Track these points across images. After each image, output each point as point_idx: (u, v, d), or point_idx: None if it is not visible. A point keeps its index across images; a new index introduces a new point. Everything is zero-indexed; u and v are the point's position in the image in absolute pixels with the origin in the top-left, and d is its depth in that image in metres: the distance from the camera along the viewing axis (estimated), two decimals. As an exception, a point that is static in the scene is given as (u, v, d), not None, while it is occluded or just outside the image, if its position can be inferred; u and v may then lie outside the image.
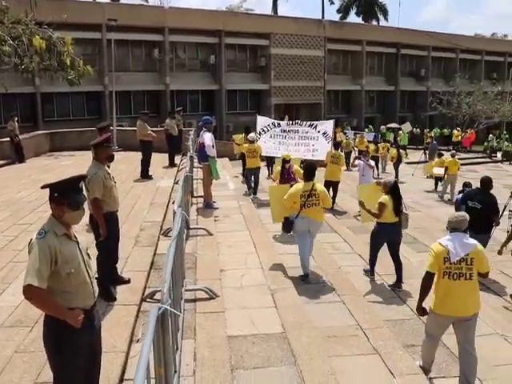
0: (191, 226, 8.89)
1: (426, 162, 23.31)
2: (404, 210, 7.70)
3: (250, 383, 4.63)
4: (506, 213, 10.63)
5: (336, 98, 41.41)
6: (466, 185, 11.03)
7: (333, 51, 39.26)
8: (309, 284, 7.19)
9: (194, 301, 6.11)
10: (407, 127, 30.23)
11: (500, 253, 7.96)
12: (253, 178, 13.29)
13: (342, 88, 40.62)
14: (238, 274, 7.11)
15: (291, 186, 8.15)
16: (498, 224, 8.64)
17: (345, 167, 14.70)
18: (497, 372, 5.44)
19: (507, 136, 36.29)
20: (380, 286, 7.60)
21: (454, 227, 5.09)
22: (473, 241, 5.06)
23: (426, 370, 5.14)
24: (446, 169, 17.07)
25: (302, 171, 8.65)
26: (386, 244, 7.67)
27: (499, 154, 34.37)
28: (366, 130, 33.13)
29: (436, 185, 18.55)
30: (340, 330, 5.86)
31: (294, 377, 4.74)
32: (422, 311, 5.18)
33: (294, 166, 10.25)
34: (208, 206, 10.73)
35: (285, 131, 13.50)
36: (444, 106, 39.30)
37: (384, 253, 7.88)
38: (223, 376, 4.63)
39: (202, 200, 11.18)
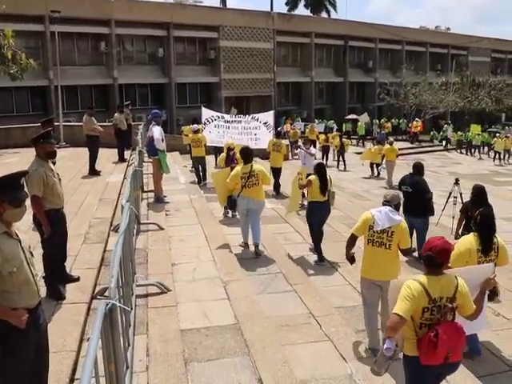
0: (142, 221, 8.79)
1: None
2: (331, 189, 8.25)
3: (203, 375, 4.63)
4: (451, 199, 11.02)
5: (286, 89, 41.67)
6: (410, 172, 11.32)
7: (282, 43, 39.43)
8: (261, 275, 7.23)
9: (146, 296, 6.05)
10: (364, 118, 30.95)
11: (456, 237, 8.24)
12: (200, 168, 13.93)
13: (291, 80, 40.88)
14: (190, 268, 7.09)
15: (231, 169, 8.71)
16: (431, 210, 8.83)
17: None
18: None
19: (452, 125, 37.50)
20: (331, 274, 7.73)
21: (386, 200, 5.52)
22: (399, 217, 5.45)
23: (374, 350, 5.26)
24: (384, 156, 18.15)
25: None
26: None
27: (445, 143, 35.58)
28: (317, 121, 33.69)
29: (372, 170, 19.69)
30: (292, 318, 5.93)
31: (247, 367, 4.77)
32: (350, 260, 5.71)
33: (237, 153, 10.48)
34: (159, 200, 10.62)
35: (228, 122, 14.20)
36: (391, 96, 40.19)
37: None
38: (177, 370, 4.62)
39: (152, 195, 11.06)
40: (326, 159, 22.27)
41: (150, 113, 11.19)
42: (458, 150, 32.55)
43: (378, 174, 19.56)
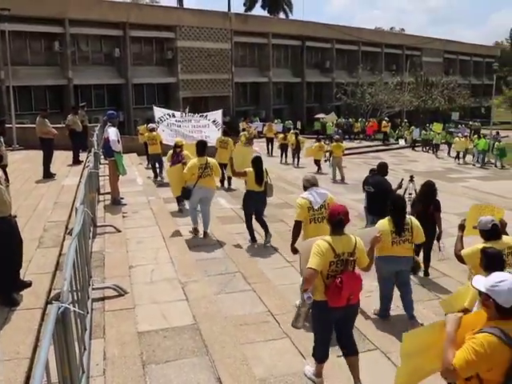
0: (98, 224, 8.66)
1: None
2: (269, 182, 9.02)
3: (162, 377, 4.61)
4: (407, 196, 11.27)
5: (244, 90, 41.79)
6: (372, 170, 11.53)
7: (239, 44, 39.55)
8: (219, 275, 7.23)
9: (103, 299, 5.97)
10: (331, 118, 31.42)
11: None
12: (157, 165, 14.72)
13: (249, 80, 41.04)
14: (147, 270, 7.02)
15: (183, 165, 9.52)
16: None
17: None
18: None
19: (408, 124, 38.32)
20: (289, 273, 7.79)
21: (311, 183, 6.36)
22: (325, 190, 6.47)
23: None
24: (331, 152, 18.95)
25: (191, 156, 9.98)
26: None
27: (402, 141, 36.30)
28: (276, 121, 34.02)
29: (318, 166, 20.58)
30: (251, 317, 5.96)
31: (206, 367, 4.78)
32: (293, 251, 6.03)
33: (184, 152, 11.06)
34: (116, 202, 10.48)
35: (179, 121, 14.69)
36: (348, 96, 40.86)
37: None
38: (134, 372, 4.58)
39: (109, 197, 10.89)
40: (285, 156, 23.14)
41: (106, 114, 11.02)
42: (425, 148, 33.01)
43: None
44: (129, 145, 18.66)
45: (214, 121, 14.71)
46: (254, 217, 9.01)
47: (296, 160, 22.34)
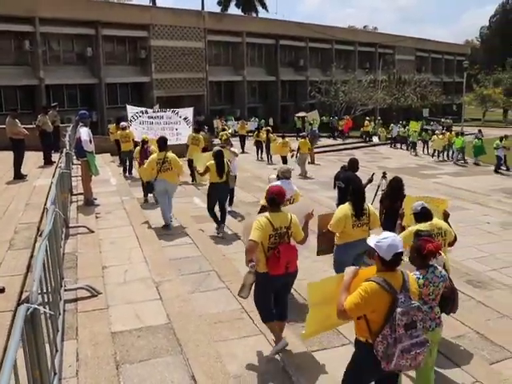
0: (71, 225, 8.59)
1: (309, 149, 24.25)
2: (231, 174, 9.70)
3: (136, 377, 4.61)
4: (380, 192, 11.40)
5: (219, 89, 41.71)
6: (344, 166, 11.63)
7: (214, 42, 39.46)
8: (193, 274, 7.23)
9: (76, 300, 5.93)
10: (312, 115, 31.65)
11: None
12: (128, 161, 15.16)
13: (224, 79, 40.96)
14: (121, 270, 7.00)
15: None
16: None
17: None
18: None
19: (381, 121, 38.71)
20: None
21: (284, 176, 6.90)
22: (294, 186, 7.06)
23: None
24: (299, 148, 19.48)
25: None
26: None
27: (375, 139, 36.65)
28: (252, 119, 34.22)
29: (283, 162, 20.43)
30: (225, 315, 5.98)
31: (180, 365, 4.79)
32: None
33: (151, 147, 11.26)
34: (89, 203, 10.39)
35: (151, 117, 15.13)
36: (322, 94, 41.11)
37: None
38: (107, 373, 4.57)
39: (82, 197, 10.79)
40: (261, 153, 23.68)
41: (77, 114, 10.92)
42: (402, 146, 33.09)
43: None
44: (102, 145, 18.45)
45: (185, 118, 15.23)
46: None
47: (269, 157, 22.78)
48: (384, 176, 11.29)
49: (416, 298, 3.61)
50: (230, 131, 25.11)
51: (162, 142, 9.49)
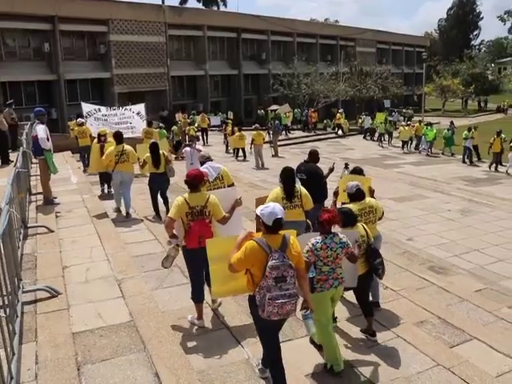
0: (29, 225, 8.37)
1: (270, 142, 24.33)
2: (170, 164, 10.09)
3: (98, 376, 4.52)
4: (342, 183, 11.50)
5: (181, 83, 41.26)
6: (305, 160, 11.66)
7: (175, 37, 38.95)
8: (156, 270, 7.13)
9: (35, 302, 5.78)
10: (283, 109, 31.67)
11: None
12: (86, 156, 15.11)
13: (186, 74, 40.50)
14: (82, 269, 6.86)
15: (102, 146, 11.02)
16: (325, 196, 9.17)
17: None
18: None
19: (344, 113, 38.97)
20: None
21: (206, 158, 7.64)
22: (219, 164, 7.66)
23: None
24: (253, 140, 20.16)
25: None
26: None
27: (339, 131, 36.87)
28: (219, 114, 34.28)
29: (236, 154, 22.24)
30: (189, 311, 5.93)
31: (143, 363, 4.73)
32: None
33: (108, 139, 11.51)
34: (48, 202, 10.14)
35: (105, 115, 15.80)
36: (285, 87, 41.16)
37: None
38: (68, 374, 4.48)
39: (42, 197, 10.53)
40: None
41: (33, 111, 10.63)
42: (373, 138, 32.92)
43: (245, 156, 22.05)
44: (63, 143, 18.11)
45: (138, 113, 16.08)
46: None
47: (235, 151, 22.82)
48: (346, 167, 11.36)
49: (294, 258, 4.19)
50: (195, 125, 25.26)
51: (118, 136, 10.16)
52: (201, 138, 25.23)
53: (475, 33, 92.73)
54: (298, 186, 6.91)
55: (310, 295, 4.51)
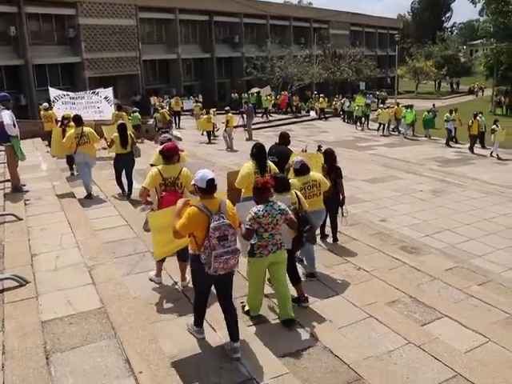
0: (-4, 213, 8.18)
1: (244, 125, 24.22)
2: (137, 145, 10.51)
3: (68, 365, 4.46)
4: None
5: (153, 67, 40.67)
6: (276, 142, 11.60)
7: (146, 20, 38.26)
8: (127, 256, 7.05)
9: (2, 291, 5.67)
10: (266, 91, 31.48)
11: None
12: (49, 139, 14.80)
13: (158, 57, 39.90)
14: (52, 257, 6.74)
15: (64, 130, 11.35)
16: None
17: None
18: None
19: (318, 96, 38.93)
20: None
21: (169, 140, 7.40)
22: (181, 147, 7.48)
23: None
24: (227, 122, 20.25)
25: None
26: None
27: (312, 113, 36.89)
28: (192, 97, 34.12)
29: (208, 137, 22.56)
30: (161, 295, 5.88)
31: (114, 349, 4.68)
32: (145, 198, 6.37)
33: (71, 122, 11.50)
34: (16, 189, 9.92)
35: (73, 98, 16.08)
36: (259, 70, 40.95)
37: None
38: (37, 363, 4.41)
39: (10, 185, 10.30)
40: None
41: (-2, 96, 10.33)
42: (349, 121, 32.70)
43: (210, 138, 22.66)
44: (32, 129, 17.77)
45: (105, 97, 16.28)
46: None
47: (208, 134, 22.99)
48: (319, 149, 11.36)
49: (231, 219, 4.60)
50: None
51: (78, 119, 10.33)
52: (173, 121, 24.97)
53: (447, 15, 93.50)
54: (269, 162, 7.10)
55: (245, 246, 5.21)
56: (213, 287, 4.90)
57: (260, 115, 32.76)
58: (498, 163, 19.13)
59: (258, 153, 6.96)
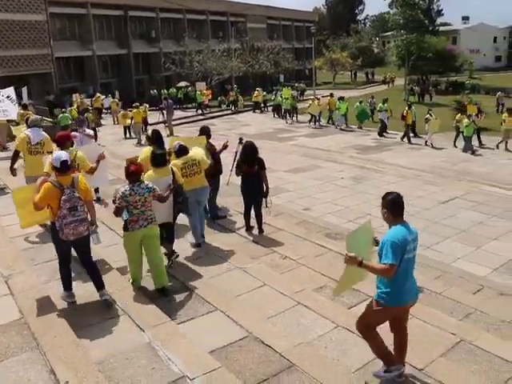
0: None
1: (164, 121, 23.92)
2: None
3: (-14, 382, 4.21)
4: (238, 158, 11.52)
5: (67, 65, 39.10)
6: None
7: (56, 15, 36.66)
8: (48, 262, 6.73)
9: None
10: (199, 86, 31.35)
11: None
12: None
13: (72, 54, 38.41)
14: (-37, 269, 6.33)
15: None
16: (220, 171, 9.21)
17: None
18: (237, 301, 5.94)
19: (238, 89, 39.01)
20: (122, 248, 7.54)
21: (34, 124, 8.35)
22: (44, 133, 8.38)
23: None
24: (133, 118, 21.35)
25: None
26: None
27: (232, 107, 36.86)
28: (110, 95, 33.29)
29: (125, 133, 22.85)
30: (87, 299, 5.68)
31: (37, 360, 4.50)
32: (12, 171, 8.06)
33: None
34: None
35: None
36: (177, 65, 40.44)
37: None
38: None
39: None
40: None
41: None
42: (276, 114, 31.79)
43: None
44: None
45: (8, 96, 15.62)
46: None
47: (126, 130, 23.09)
48: (240, 142, 11.39)
49: (83, 193, 5.33)
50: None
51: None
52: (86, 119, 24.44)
53: (360, 8, 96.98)
54: (166, 148, 7.69)
55: (95, 216, 5.75)
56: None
57: (195, 110, 33.78)
58: (413, 148, 19.97)
59: (155, 139, 7.73)
